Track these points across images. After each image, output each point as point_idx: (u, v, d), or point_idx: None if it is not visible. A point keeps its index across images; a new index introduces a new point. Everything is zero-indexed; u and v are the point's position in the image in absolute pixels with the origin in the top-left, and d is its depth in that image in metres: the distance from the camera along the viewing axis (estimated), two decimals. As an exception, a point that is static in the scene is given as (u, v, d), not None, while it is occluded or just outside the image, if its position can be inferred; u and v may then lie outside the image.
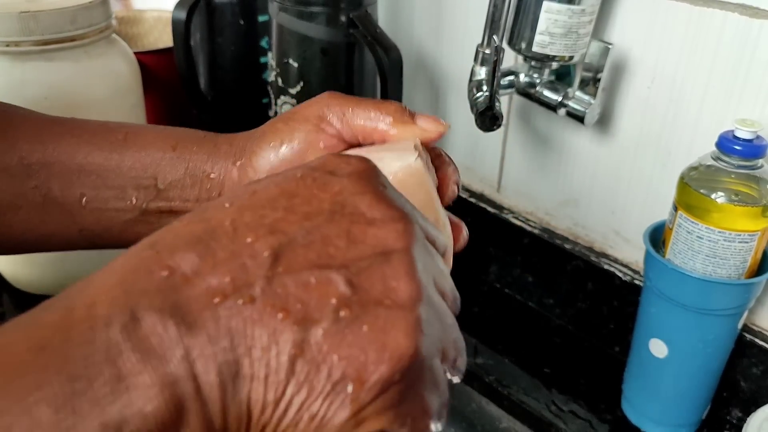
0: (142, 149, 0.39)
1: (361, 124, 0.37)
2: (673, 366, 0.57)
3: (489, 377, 0.68)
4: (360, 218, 0.26)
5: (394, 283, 0.25)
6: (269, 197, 0.26)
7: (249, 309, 0.23)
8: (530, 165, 0.74)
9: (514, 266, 0.77)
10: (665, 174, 0.63)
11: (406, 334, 0.24)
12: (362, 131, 0.37)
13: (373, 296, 0.24)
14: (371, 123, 0.37)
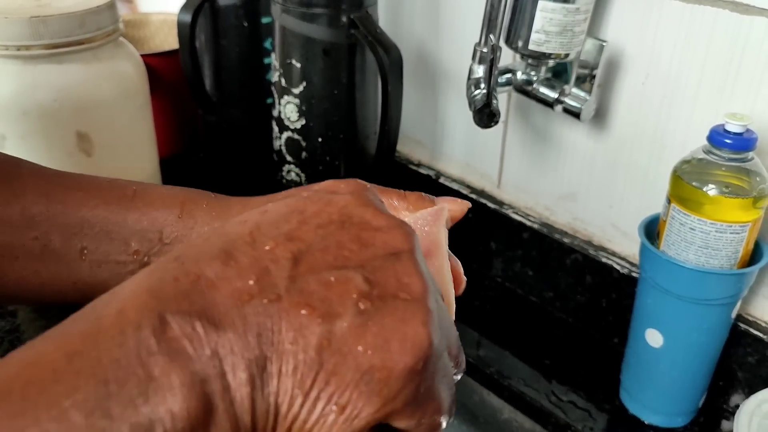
0: (150, 205, 0.39)
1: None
2: (669, 355, 0.59)
3: (490, 369, 0.69)
4: (367, 226, 0.28)
5: (407, 279, 0.27)
6: (281, 213, 0.28)
7: (275, 307, 0.24)
8: (529, 161, 0.76)
9: (514, 260, 0.79)
10: (661, 168, 0.64)
11: (423, 325, 0.26)
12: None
13: (390, 291, 0.26)
14: (393, 212, 0.38)
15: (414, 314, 0.26)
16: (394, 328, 0.25)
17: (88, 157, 0.68)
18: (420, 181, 0.86)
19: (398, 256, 0.27)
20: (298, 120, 0.75)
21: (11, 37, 0.63)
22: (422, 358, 0.25)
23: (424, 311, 0.26)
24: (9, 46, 0.63)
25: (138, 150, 0.74)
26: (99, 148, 0.69)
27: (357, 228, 0.27)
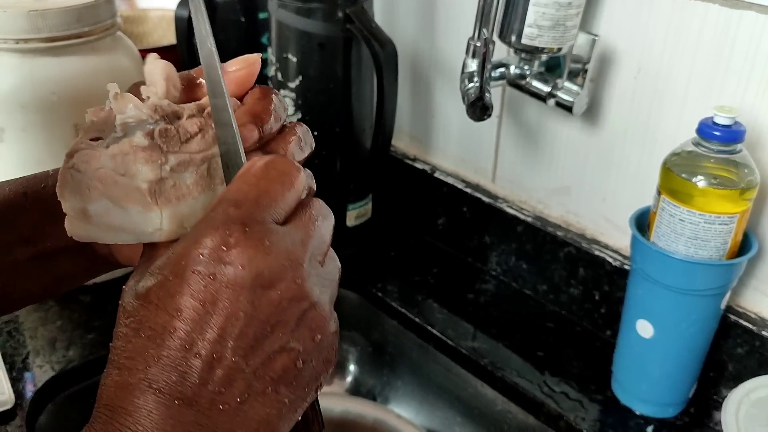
0: (1, 207, 0.39)
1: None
2: (659, 346, 0.59)
3: (484, 360, 0.70)
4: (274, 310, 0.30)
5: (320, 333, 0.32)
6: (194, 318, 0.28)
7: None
8: (523, 155, 0.77)
9: (509, 254, 0.79)
10: (652, 161, 0.65)
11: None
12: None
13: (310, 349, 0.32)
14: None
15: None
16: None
17: (86, 150, 0.69)
18: (415, 176, 0.86)
19: (303, 318, 0.30)
20: (294, 114, 0.76)
21: (10, 30, 0.64)
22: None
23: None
24: (8, 39, 0.64)
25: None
26: (97, 142, 0.70)
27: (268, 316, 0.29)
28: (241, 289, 0.28)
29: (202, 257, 0.28)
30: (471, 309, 0.77)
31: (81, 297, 0.75)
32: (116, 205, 0.33)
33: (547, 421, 0.66)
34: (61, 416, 0.67)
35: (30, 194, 0.39)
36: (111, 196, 0.33)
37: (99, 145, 0.33)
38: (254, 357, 0.29)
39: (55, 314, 0.73)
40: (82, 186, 0.33)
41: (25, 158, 0.68)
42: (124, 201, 0.33)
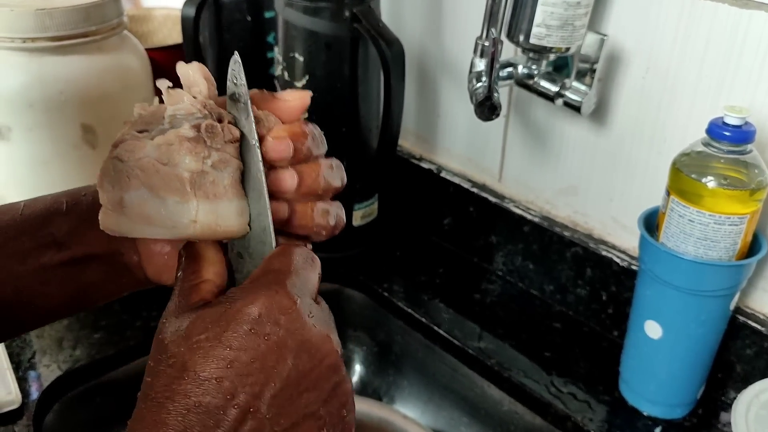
0: (38, 211, 0.41)
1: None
2: (667, 347, 0.59)
3: (491, 361, 0.70)
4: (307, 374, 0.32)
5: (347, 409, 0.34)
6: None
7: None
8: (530, 155, 0.76)
9: (515, 254, 0.79)
10: (661, 161, 0.64)
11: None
12: None
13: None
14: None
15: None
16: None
17: (92, 149, 0.69)
18: (421, 175, 0.86)
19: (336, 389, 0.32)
20: (300, 113, 0.75)
21: (17, 29, 0.64)
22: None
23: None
24: (15, 38, 0.64)
25: (142, 143, 0.75)
26: (104, 141, 0.69)
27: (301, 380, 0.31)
28: (288, 352, 0.31)
29: (259, 317, 0.31)
30: (477, 309, 0.77)
31: (87, 296, 0.75)
32: (154, 195, 0.33)
33: (554, 422, 0.65)
34: (67, 416, 0.67)
35: (70, 201, 0.41)
36: (150, 185, 0.33)
37: (144, 137, 0.34)
38: (286, 416, 0.30)
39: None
40: (122, 175, 0.33)
41: (32, 157, 0.68)
42: (163, 191, 0.33)
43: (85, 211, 0.40)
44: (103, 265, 0.41)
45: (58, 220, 0.40)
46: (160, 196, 0.33)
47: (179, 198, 0.33)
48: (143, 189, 0.33)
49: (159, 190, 0.33)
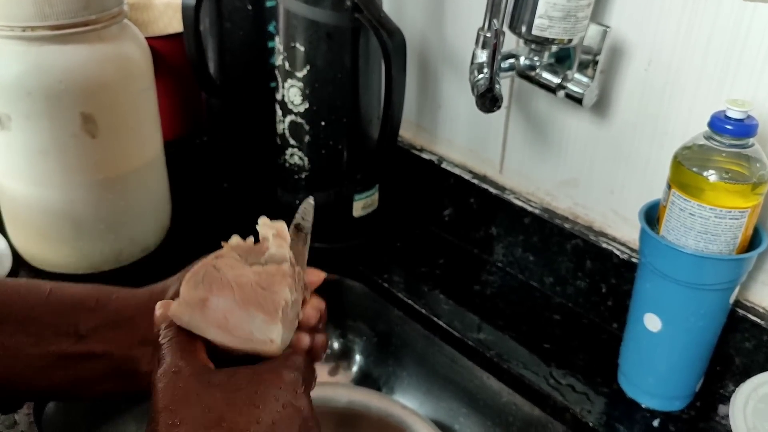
0: (64, 301, 0.42)
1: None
2: (666, 339, 0.59)
3: (490, 352, 0.70)
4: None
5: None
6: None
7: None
8: (531, 146, 0.76)
9: (515, 246, 0.79)
10: (662, 154, 0.64)
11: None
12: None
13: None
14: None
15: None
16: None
17: (92, 139, 0.69)
18: (422, 167, 0.86)
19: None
20: (301, 103, 0.75)
21: (16, 17, 0.63)
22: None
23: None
24: (14, 26, 0.64)
25: (142, 133, 0.75)
26: (103, 130, 0.69)
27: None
28: (300, 419, 0.37)
29: (282, 389, 0.37)
30: (477, 300, 0.77)
31: (87, 285, 0.75)
32: (242, 309, 0.39)
33: (552, 414, 0.66)
34: (68, 405, 0.67)
35: (99, 299, 0.43)
36: (242, 300, 0.39)
37: (241, 262, 0.41)
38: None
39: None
40: (214, 281, 0.39)
41: (31, 147, 0.68)
42: (255, 309, 0.39)
43: (112, 312, 0.43)
44: (114, 365, 0.43)
45: (85, 314, 0.42)
46: (250, 312, 0.39)
47: (269, 319, 0.39)
48: (232, 301, 0.39)
49: (250, 307, 0.39)
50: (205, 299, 0.38)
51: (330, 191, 0.80)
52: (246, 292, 0.39)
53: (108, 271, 0.77)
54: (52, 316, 0.42)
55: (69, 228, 0.72)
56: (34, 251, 0.76)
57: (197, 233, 0.86)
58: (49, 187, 0.70)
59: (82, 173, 0.70)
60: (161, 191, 0.81)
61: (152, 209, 0.79)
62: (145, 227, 0.78)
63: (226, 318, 0.38)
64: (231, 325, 0.38)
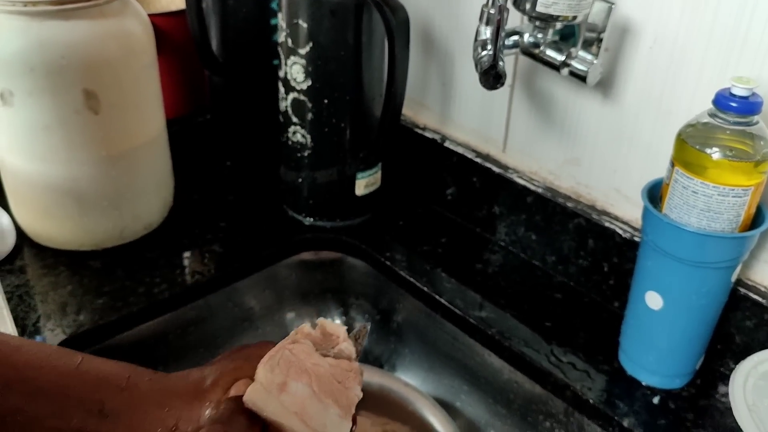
0: (94, 374, 0.40)
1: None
2: (668, 317, 0.59)
3: (491, 330, 0.70)
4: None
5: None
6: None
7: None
8: (535, 126, 0.76)
9: (518, 224, 0.79)
10: (665, 133, 0.64)
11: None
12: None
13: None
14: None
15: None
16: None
17: (95, 115, 0.69)
18: (425, 145, 0.86)
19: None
20: (304, 81, 0.75)
21: (18, -8, 0.63)
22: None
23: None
24: (16, 2, 0.63)
25: (145, 110, 0.75)
26: (106, 107, 0.69)
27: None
28: None
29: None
30: (479, 279, 0.77)
31: (91, 262, 0.76)
32: (317, 399, 0.39)
33: (553, 391, 0.66)
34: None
35: (131, 378, 0.41)
36: (319, 389, 0.39)
37: (315, 352, 0.41)
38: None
39: (66, 279, 0.73)
40: (292, 366, 0.39)
41: (33, 123, 0.68)
42: (329, 400, 0.39)
43: (143, 393, 0.40)
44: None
45: (113, 392, 0.40)
46: (326, 404, 0.39)
47: (341, 413, 0.39)
48: (310, 389, 0.38)
49: (325, 398, 0.39)
50: (283, 384, 0.38)
51: (332, 169, 0.80)
52: (323, 382, 0.39)
53: (111, 248, 0.77)
54: (80, 390, 0.40)
55: (72, 204, 0.73)
56: (37, 228, 0.76)
57: (200, 211, 0.86)
58: (52, 164, 0.70)
59: (85, 150, 0.70)
60: (164, 168, 0.81)
61: (155, 186, 0.79)
62: (148, 204, 0.78)
63: (304, 406, 0.38)
64: (307, 414, 0.38)
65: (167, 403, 0.40)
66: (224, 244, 0.80)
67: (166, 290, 0.73)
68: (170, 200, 0.83)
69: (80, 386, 0.39)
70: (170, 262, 0.77)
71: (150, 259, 0.77)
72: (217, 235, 0.82)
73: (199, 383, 0.40)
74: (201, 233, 0.82)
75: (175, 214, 0.84)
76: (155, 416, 0.40)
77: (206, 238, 0.81)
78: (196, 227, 0.83)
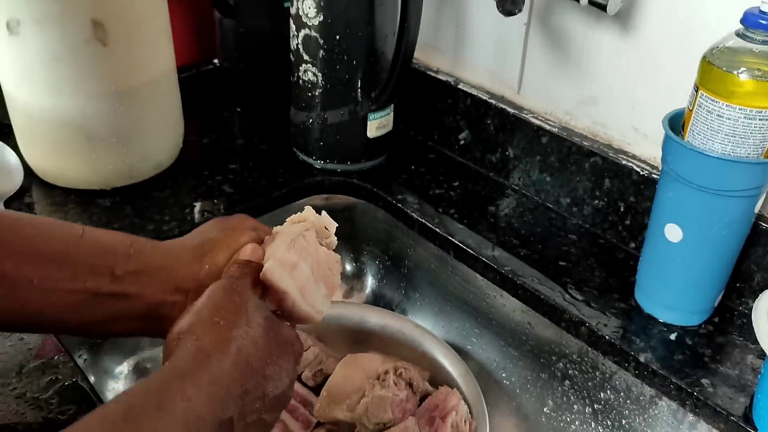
0: (101, 241, 0.45)
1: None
2: (687, 251, 0.58)
3: (505, 269, 0.69)
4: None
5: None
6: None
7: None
8: (551, 65, 0.74)
9: (532, 167, 0.78)
10: (688, 65, 0.62)
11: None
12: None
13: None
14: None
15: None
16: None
17: (103, 47, 0.67)
18: (438, 88, 0.84)
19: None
20: (315, 16, 0.73)
21: None
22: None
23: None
24: (23, -75, 0.62)
25: (154, 46, 0.73)
26: (114, 39, 0.68)
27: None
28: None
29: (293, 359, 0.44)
30: (492, 221, 0.76)
31: (100, 201, 0.75)
32: (314, 279, 0.46)
33: (567, 329, 0.65)
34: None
35: (134, 247, 0.45)
36: (317, 274, 0.46)
37: (317, 241, 0.48)
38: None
39: (75, 217, 0.73)
40: (303, 250, 0.46)
41: (42, 53, 0.67)
42: (324, 283, 0.47)
43: (147, 258, 0.45)
44: (146, 308, 0.45)
45: (120, 258, 0.44)
46: (318, 284, 0.46)
47: (327, 294, 0.47)
48: (310, 271, 0.45)
49: (319, 280, 0.46)
50: (295, 264, 0.44)
51: (344, 109, 0.78)
52: (320, 267, 0.46)
53: (121, 187, 0.76)
54: (88, 256, 0.43)
55: (82, 140, 0.72)
56: (46, 165, 0.75)
57: (210, 154, 0.85)
58: (61, 97, 0.69)
59: (94, 82, 0.69)
60: (173, 108, 0.79)
61: (164, 126, 0.78)
62: (158, 143, 0.77)
63: (305, 284, 0.44)
64: (306, 290, 0.45)
65: (170, 265, 0.45)
66: (234, 185, 0.79)
67: (176, 228, 0.72)
68: (180, 141, 0.82)
69: (88, 254, 0.43)
70: (180, 201, 0.76)
71: (160, 199, 0.76)
72: (227, 176, 0.81)
73: (197, 249, 0.47)
74: (211, 174, 0.81)
75: (185, 155, 0.83)
76: (160, 277, 0.45)
77: (216, 179, 0.80)
78: (206, 169, 0.82)
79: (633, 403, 0.62)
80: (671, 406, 0.59)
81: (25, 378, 0.54)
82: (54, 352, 0.56)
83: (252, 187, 0.79)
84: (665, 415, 0.60)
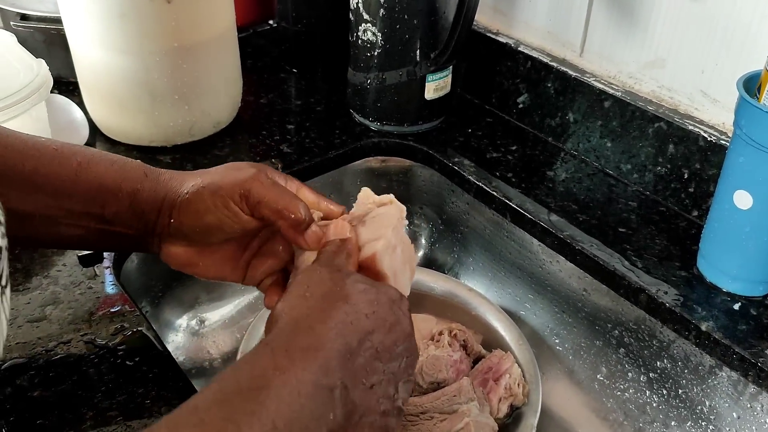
0: (92, 181, 0.46)
1: (267, 214, 0.45)
2: (757, 218, 0.57)
3: (563, 233, 0.68)
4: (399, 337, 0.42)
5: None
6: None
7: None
8: (616, 26, 0.72)
9: (593, 131, 0.76)
10: (764, 25, 0.60)
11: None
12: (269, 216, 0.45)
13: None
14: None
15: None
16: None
17: (167, 4, 0.68)
18: (497, 50, 0.83)
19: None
20: (376, -25, 0.73)
21: None
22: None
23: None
24: None
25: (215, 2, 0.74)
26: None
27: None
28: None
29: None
30: (550, 186, 0.75)
31: (161, 157, 0.76)
32: (403, 262, 0.47)
33: (626, 295, 0.64)
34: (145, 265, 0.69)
35: (125, 188, 0.46)
36: (406, 257, 0.48)
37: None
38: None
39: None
40: (399, 235, 0.48)
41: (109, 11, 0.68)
42: (407, 266, 0.49)
43: (138, 201, 0.46)
44: (135, 243, 0.48)
45: (110, 199, 0.46)
46: (404, 267, 0.48)
47: (411, 277, 0.49)
48: (401, 254, 0.47)
49: (405, 263, 0.48)
50: (395, 247, 0.46)
51: (402, 70, 0.78)
52: (407, 251, 0.48)
53: (181, 144, 0.78)
54: (81, 198, 0.46)
55: (145, 96, 0.73)
56: (110, 122, 0.77)
57: (268, 114, 0.86)
58: (126, 54, 0.70)
59: (157, 40, 0.70)
60: (233, 66, 0.80)
61: (224, 84, 0.79)
62: (217, 101, 0.78)
63: (396, 266, 0.46)
64: (397, 273, 0.46)
65: (155, 210, 0.46)
66: (291, 146, 0.80)
67: (235, 185, 0.73)
68: (238, 101, 0.83)
69: (81, 195, 0.46)
70: (238, 160, 0.77)
71: (219, 157, 0.77)
72: (285, 137, 0.81)
73: (195, 174, 0.47)
74: (269, 134, 0.82)
75: (243, 115, 0.84)
76: (146, 221, 0.47)
77: (274, 138, 0.81)
78: (264, 129, 0.83)
79: (691, 372, 0.61)
80: (732, 376, 0.58)
81: (95, 324, 0.56)
82: (121, 302, 0.58)
83: (309, 147, 0.80)
84: (725, 385, 0.59)
